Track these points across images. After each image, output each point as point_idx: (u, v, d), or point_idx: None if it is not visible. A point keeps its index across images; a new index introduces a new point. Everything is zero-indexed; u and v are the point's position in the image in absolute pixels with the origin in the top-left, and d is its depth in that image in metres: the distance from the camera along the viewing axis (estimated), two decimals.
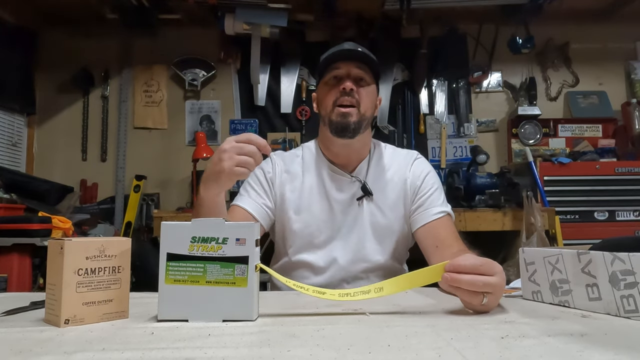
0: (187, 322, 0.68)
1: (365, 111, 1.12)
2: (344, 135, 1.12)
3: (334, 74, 1.12)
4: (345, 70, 1.11)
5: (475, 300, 0.70)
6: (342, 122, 1.10)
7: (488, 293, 0.69)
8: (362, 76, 1.12)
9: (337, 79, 1.12)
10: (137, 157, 3.12)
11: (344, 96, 1.10)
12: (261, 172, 1.20)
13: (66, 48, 3.13)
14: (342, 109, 1.10)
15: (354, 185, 1.17)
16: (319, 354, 0.53)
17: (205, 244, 0.69)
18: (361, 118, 1.11)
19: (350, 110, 1.10)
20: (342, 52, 1.12)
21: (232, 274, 0.68)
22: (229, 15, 2.78)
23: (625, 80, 3.18)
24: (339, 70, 1.12)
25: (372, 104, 1.16)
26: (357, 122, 1.11)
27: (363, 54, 1.12)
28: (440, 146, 3.12)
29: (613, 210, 2.59)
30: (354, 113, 1.10)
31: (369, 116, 1.15)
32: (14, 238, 1.96)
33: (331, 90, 1.12)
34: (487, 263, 0.71)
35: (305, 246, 1.16)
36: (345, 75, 1.11)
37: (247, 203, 1.15)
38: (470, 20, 3.09)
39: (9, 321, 0.70)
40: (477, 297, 0.69)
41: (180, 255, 0.69)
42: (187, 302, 0.69)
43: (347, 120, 1.10)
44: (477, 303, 0.70)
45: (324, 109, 1.15)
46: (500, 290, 0.71)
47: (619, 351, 0.52)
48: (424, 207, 1.15)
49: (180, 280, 0.69)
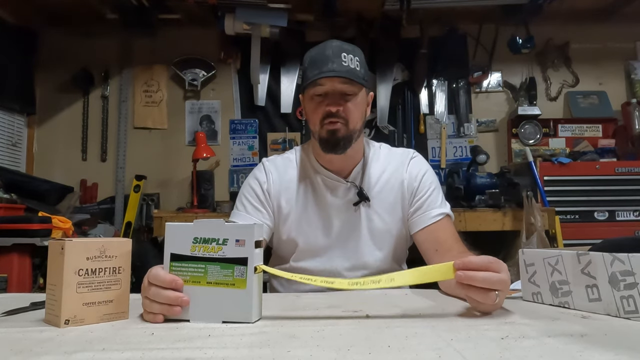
0: (187, 323, 0.68)
1: (355, 125, 1.09)
2: (335, 152, 1.09)
3: (317, 92, 1.07)
4: (329, 87, 1.06)
5: (489, 298, 0.69)
6: (331, 140, 1.07)
7: (499, 291, 0.69)
8: (346, 90, 1.06)
9: (322, 96, 1.08)
10: (137, 157, 3.12)
11: (330, 117, 1.06)
12: (256, 183, 1.17)
13: (66, 48, 3.13)
14: (330, 127, 1.06)
15: (349, 190, 1.15)
16: (319, 355, 0.53)
17: (206, 245, 0.69)
18: (351, 132, 1.08)
19: (339, 126, 1.06)
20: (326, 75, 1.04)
21: (231, 275, 0.68)
22: (229, 15, 2.78)
23: (625, 80, 3.19)
24: (322, 87, 1.06)
25: (361, 114, 1.11)
26: (347, 137, 1.08)
27: (347, 70, 1.04)
28: (440, 146, 3.12)
29: (613, 211, 2.59)
30: (343, 129, 1.07)
31: (360, 127, 1.11)
32: (14, 238, 1.96)
33: (317, 107, 1.08)
34: (496, 260, 0.71)
35: (303, 254, 1.15)
36: (330, 92, 1.06)
37: (245, 220, 1.13)
38: (470, 20, 3.09)
39: (9, 321, 0.70)
40: (490, 294, 0.69)
41: (183, 255, 0.70)
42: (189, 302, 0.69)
43: (336, 136, 1.07)
44: (491, 301, 0.69)
45: (312, 124, 1.12)
46: (508, 287, 0.71)
47: (619, 352, 0.52)
48: (423, 210, 1.13)
49: (182, 280, 0.70)
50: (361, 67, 1.08)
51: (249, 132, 3.15)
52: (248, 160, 3.13)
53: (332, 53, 1.06)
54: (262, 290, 0.72)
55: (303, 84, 1.12)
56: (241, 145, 3.15)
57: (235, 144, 3.15)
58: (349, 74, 1.04)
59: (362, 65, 1.09)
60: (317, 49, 1.10)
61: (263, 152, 3.13)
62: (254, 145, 3.14)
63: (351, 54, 1.07)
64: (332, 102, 1.06)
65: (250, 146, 3.14)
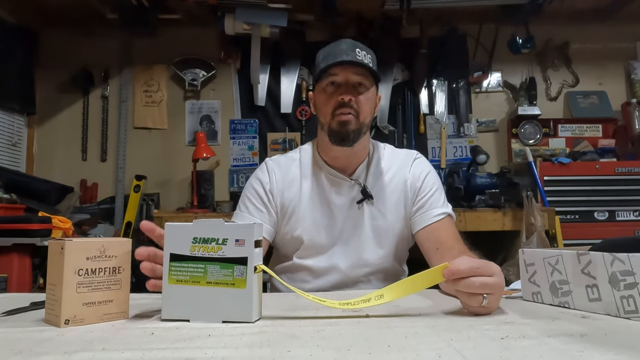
0: (187, 323, 0.68)
1: (365, 118, 1.10)
2: (343, 144, 1.10)
3: (331, 80, 1.08)
4: (343, 77, 1.07)
5: (474, 301, 0.70)
6: (341, 132, 1.08)
7: (488, 294, 0.69)
8: (360, 81, 1.08)
9: (335, 85, 1.09)
10: (137, 157, 3.12)
11: (342, 107, 1.07)
12: (259, 184, 1.17)
13: (66, 48, 3.13)
14: (342, 117, 1.07)
15: (353, 188, 1.16)
16: (319, 355, 0.53)
17: (206, 245, 0.69)
18: (361, 125, 1.09)
19: (350, 118, 1.07)
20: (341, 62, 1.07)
21: (231, 275, 0.68)
22: (229, 15, 2.78)
23: (625, 80, 3.19)
24: (336, 77, 1.07)
25: (371, 109, 1.12)
26: (357, 130, 1.09)
27: (361, 63, 1.07)
28: (440, 146, 3.12)
29: (613, 211, 2.59)
30: (354, 121, 1.08)
31: (369, 122, 1.12)
32: (14, 238, 1.96)
33: (329, 98, 1.09)
34: (484, 265, 0.71)
35: (307, 251, 1.15)
36: (344, 82, 1.08)
37: (246, 221, 1.13)
38: (470, 20, 3.09)
39: (9, 321, 0.70)
40: (475, 298, 0.69)
41: (183, 255, 0.70)
42: (189, 302, 0.69)
43: (347, 129, 1.08)
44: (476, 304, 0.70)
45: (322, 116, 1.13)
46: (499, 290, 0.71)
47: (619, 352, 0.52)
48: (425, 209, 1.13)
49: (182, 280, 0.69)
50: (373, 65, 1.10)
51: (249, 132, 3.15)
52: (248, 161, 3.13)
53: (347, 47, 1.08)
54: (262, 289, 0.72)
55: (315, 77, 1.13)
56: (241, 146, 3.15)
57: (235, 144, 3.15)
58: (363, 64, 1.06)
59: (374, 64, 1.11)
60: (330, 46, 1.12)
61: (263, 152, 3.13)
62: (254, 145, 3.14)
63: (364, 51, 1.09)
64: (345, 91, 1.07)
65: (250, 146, 3.14)
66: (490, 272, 0.70)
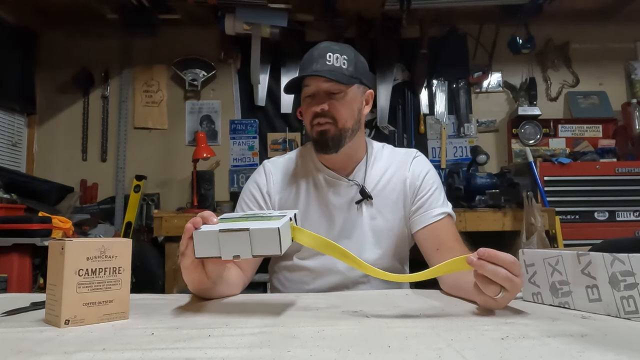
0: (187, 323, 0.68)
1: (345, 122, 1.08)
2: (327, 152, 1.10)
3: (305, 92, 1.10)
4: (314, 88, 1.07)
5: (491, 290, 0.70)
6: (320, 141, 1.09)
7: (504, 289, 0.70)
8: (331, 89, 1.06)
9: (311, 96, 1.09)
10: (137, 157, 3.12)
11: (317, 117, 1.07)
12: (256, 187, 1.17)
13: (66, 48, 3.13)
14: (318, 127, 1.08)
15: (351, 189, 1.15)
16: (319, 355, 0.53)
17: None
18: (341, 131, 1.08)
19: (327, 127, 1.07)
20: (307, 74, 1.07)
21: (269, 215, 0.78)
22: (229, 15, 2.78)
23: (625, 80, 3.19)
24: (309, 88, 1.08)
25: (352, 112, 1.10)
26: (336, 137, 1.08)
27: (329, 70, 1.04)
28: (441, 146, 3.12)
29: (613, 211, 2.59)
30: (332, 129, 1.07)
31: (352, 125, 1.11)
32: (14, 238, 1.96)
33: (307, 109, 1.10)
34: (517, 263, 0.72)
35: (307, 252, 1.14)
36: (316, 92, 1.07)
37: None
38: (470, 20, 3.09)
39: (9, 321, 0.70)
40: (494, 287, 0.70)
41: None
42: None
43: (325, 137, 1.08)
44: (492, 294, 0.70)
45: (306, 125, 1.14)
46: (516, 290, 0.71)
47: (619, 352, 0.52)
48: (424, 209, 1.13)
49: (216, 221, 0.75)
50: (349, 65, 1.07)
51: (249, 132, 3.15)
52: (248, 161, 3.13)
53: (318, 54, 1.07)
54: (290, 234, 0.76)
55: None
56: (241, 146, 3.15)
57: (235, 144, 3.15)
58: (330, 73, 1.04)
59: (351, 63, 1.08)
60: (307, 54, 1.11)
61: (263, 152, 3.13)
62: (254, 145, 3.14)
63: (337, 53, 1.07)
64: (318, 101, 1.07)
65: (251, 146, 3.15)
66: (518, 272, 0.71)
